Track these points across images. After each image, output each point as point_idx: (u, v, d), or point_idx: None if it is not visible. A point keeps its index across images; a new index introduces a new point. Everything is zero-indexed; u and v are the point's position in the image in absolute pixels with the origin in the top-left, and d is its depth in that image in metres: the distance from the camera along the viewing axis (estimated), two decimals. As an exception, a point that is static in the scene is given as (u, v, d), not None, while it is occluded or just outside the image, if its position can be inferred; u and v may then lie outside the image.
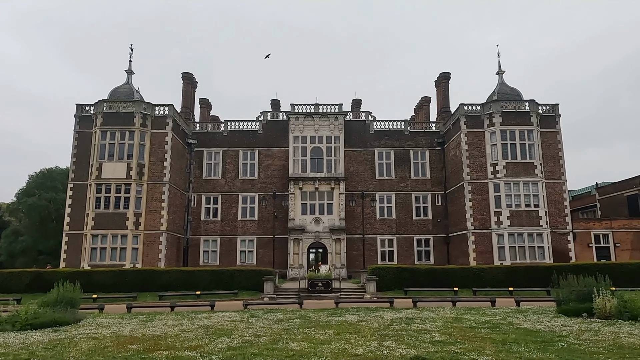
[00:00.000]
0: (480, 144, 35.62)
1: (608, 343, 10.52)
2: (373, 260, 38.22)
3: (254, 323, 14.71)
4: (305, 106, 40.43)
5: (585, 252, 34.74)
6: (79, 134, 35.87)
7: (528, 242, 33.35)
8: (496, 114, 35.22)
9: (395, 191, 40.25)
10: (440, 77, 43.03)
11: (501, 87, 40.98)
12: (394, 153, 40.86)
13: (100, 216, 33.16)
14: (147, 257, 33.18)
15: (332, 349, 10.03)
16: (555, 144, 36.05)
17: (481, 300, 21.88)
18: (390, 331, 12.64)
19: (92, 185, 33.70)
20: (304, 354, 9.51)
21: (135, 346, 10.65)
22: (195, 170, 40.32)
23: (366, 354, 9.38)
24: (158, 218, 34.10)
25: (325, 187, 38.97)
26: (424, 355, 9.30)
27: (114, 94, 40.63)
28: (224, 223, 39.51)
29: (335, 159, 39.59)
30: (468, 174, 35.36)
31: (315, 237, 38.32)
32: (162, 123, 35.58)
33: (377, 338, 11.44)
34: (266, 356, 9.29)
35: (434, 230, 39.62)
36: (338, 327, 13.54)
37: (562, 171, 35.63)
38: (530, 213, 33.79)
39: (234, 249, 38.97)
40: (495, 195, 34.41)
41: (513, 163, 34.50)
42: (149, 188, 34.29)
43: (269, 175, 40.32)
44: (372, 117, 41.77)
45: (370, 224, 39.67)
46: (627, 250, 34.85)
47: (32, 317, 13.90)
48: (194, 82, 43.47)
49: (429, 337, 11.54)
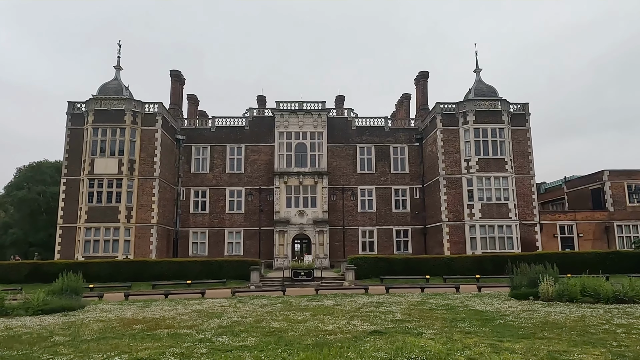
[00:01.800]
0: (455, 140, 37.74)
1: (538, 320, 12.62)
2: (354, 250, 40.33)
3: (241, 307, 16.61)
4: (290, 103, 42.13)
5: (551, 242, 37.27)
6: (71, 130, 37.12)
7: (498, 233, 35.71)
8: (470, 113, 37.34)
9: (375, 185, 42.31)
10: (419, 75, 44.99)
11: (478, 85, 43.21)
12: (374, 149, 42.86)
13: (93, 210, 34.63)
14: (138, 249, 34.79)
15: (306, 326, 11.98)
16: (525, 141, 38.36)
17: (448, 287, 24.06)
18: (359, 313, 14.64)
19: (84, 180, 35.09)
20: (283, 330, 11.46)
21: (139, 326, 12.48)
22: (184, 165, 41.87)
23: (334, 330, 11.34)
24: (149, 211, 35.67)
25: (309, 182, 40.86)
26: (382, 330, 11.31)
27: (103, 89, 41.82)
28: (212, 216, 41.23)
29: (318, 154, 41.46)
30: (443, 169, 37.52)
31: (300, 229, 40.28)
32: (152, 120, 37.00)
33: (346, 318, 13.44)
34: (251, 332, 11.21)
35: (412, 222, 41.84)
36: (315, 310, 15.51)
37: (530, 166, 37.99)
38: (500, 206, 36.12)
39: (222, 240, 40.77)
40: (468, 189, 36.65)
41: (485, 159, 36.73)
42: (139, 183, 35.79)
43: (255, 169, 42.05)
44: (354, 114, 43.64)
45: (352, 216, 41.73)
46: (589, 240, 37.48)
47: (43, 303, 15.60)
48: (181, 79, 44.79)
49: (390, 317, 13.57)
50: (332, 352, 8.54)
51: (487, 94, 40.79)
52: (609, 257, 29.75)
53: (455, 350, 8.67)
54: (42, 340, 10.56)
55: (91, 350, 9.35)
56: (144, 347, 9.56)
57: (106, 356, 8.65)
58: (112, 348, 9.51)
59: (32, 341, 10.44)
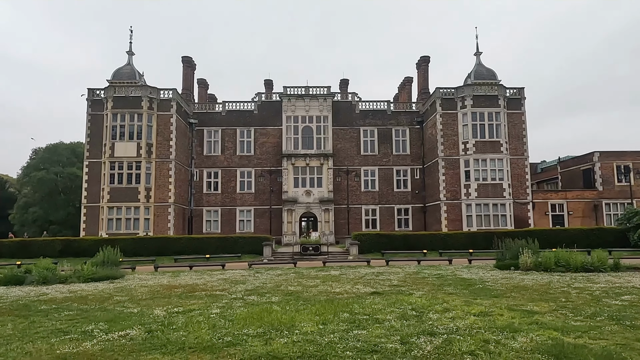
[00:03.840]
0: (453, 124, 39.84)
1: (512, 285, 15.10)
2: (358, 227, 42.93)
3: (260, 277, 19.22)
4: (297, 88, 44.16)
5: (543, 219, 39.69)
6: (92, 116, 39.47)
7: (492, 211, 38.15)
8: (468, 97, 39.31)
9: (378, 166, 44.64)
10: (420, 60, 46.74)
11: (478, 68, 45.15)
12: (377, 131, 45.02)
13: (114, 190, 37.23)
14: (157, 227, 37.51)
15: (318, 289, 14.55)
16: (520, 124, 40.42)
17: (442, 260, 26.61)
18: (362, 280, 17.20)
19: (106, 163, 37.59)
20: (299, 292, 14.03)
21: (179, 290, 15.08)
22: (197, 147, 44.26)
23: (341, 292, 13.89)
24: (166, 192, 38.25)
25: (315, 163, 43.23)
26: (380, 291, 13.85)
27: (117, 74, 44.10)
28: (224, 195, 43.82)
29: (324, 137, 43.70)
30: (442, 151, 39.73)
31: (307, 207, 42.85)
32: (167, 106, 39.23)
33: (351, 284, 16.00)
34: (273, 293, 13.77)
35: (412, 201, 44.30)
36: (324, 278, 18.09)
37: (524, 148, 40.14)
38: (495, 186, 38.44)
39: (234, 218, 43.46)
40: (465, 170, 38.91)
41: (482, 141, 38.87)
42: (157, 165, 38.26)
43: (264, 152, 44.40)
44: (357, 97, 45.66)
45: (356, 196, 44.21)
46: (578, 217, 39.86)
47: (92, 273, 18.23)
48: (192, 65, 46.77)
49: (388, 283, 16.11)
50: (340, 305, 11.09)
51: (487, 77, 42.84)
52: (593, 233, 32.16)
53: (435, 304, 11.18)
54: (106, 299, 13.16)
55: (150, 305, 11.91)
56: (190, 303, 12.12)
57: (166, 308, 11.21)
58: (166, 303, 12.08)
59: (99, 299, 13.05)
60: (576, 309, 10.32)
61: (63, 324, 9.42)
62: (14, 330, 8.94)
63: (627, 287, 14.01)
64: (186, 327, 8.80)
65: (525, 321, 9.07)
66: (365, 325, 8.76)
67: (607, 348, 7.01)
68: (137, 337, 8.09)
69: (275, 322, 9.10)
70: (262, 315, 9.82)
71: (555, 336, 7.77)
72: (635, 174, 40.20)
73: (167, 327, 8.84)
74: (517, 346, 7.17)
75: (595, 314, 9.73)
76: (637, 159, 40.88)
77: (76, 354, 7.01)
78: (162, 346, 7.42)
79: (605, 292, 12.85)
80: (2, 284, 16.93)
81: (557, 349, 6.90)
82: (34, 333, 8.64)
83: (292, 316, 9.67)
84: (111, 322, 9.56)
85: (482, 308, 10.59)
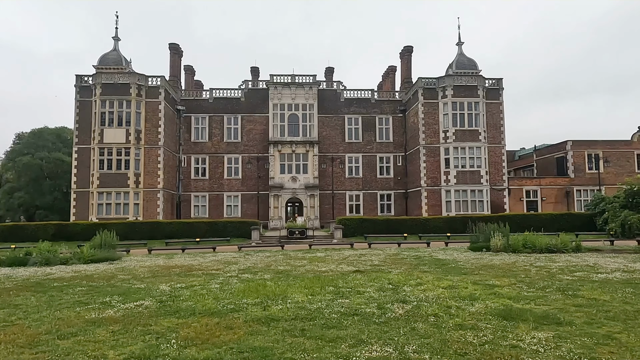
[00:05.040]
0: (434, 113, 41.31)
1: (481, 264, 16.68)
2: (342, 212, 44.42)
3: (250, 258, 20.54)
4: (283, 77, 45.04)
5: (518, 205, 41.70)
6: (80, 102, 39.84)
7: (470, 197, 39.95)
8: (449, 88, 40.74)
9: (362, 153, 46.02)
10: (403, 50, 47.91)
11: (460, 58, 46.70)
12: (361, 119, 46.29)
13: (104, 176, 37.94)
14: (147, 211, 38.41)
15: (306, 268, 15.93)
16: (498, 114, 42.09)
17: (421, 243, 28.27)
18: (346, 261, 18.64)
19: (95, 149, 38.19)
20: (288, 270, 15.38)
21: (177, 270, 16.31)
22: (185, 134, 44.99)
23: (327, 270, 15.29)
24: (155, 177, 39.08)
25: (301, 150, 44.40)
26: (362, 270, 15.29)
27: (103, 60, 44.46)
28: (211, 181, 44.80)
29: (310, 124, 44.83)
30: (423, 139, 41.24)
31: (293, 193, 44.14)
32: (155, 93, 39.82)
33: (336, 264, 17.42)
34: (265, 272, 15.10)
35: (395, 187, 45.91)
36: (310, 259, 19.49)
37: (502, 137, 41.88)
38: (473, 173, 40.18)
39: (221, 203, 44.54)
40: (445, 157, 40.53)
41: (461, 130, 40.46)
42: (146, 151, 38.99)
43: (251, 138, 45.36)
44: (342, 86, 46.76)
45: (340, 182, 45.61)
46: (551, 203, 41.97)
47: (91, 255, 19.32)
48: (179, 52, 47.15)
49: (370, 263, 17.57)
50: (327, 281, 12.48)
51: (468, 67, 44.54)
52: (563, 217, 34.19)
53: (410, 280, 12.65)
54: (111, 277, 14.33)
55: (154, 282, 13.13)
56: (190, 280, 13.38)
57: (170, 284, 12.46)
58: (168, 280, 13.32)
59: (105, 278, 14.22)
60: (531, 283, 11.89)
61: (81, 297, 10.62)
62: (38, 302, 10.12)
63: (581, 265, 15.71)
64: (192, 298, 10.09)
65: (485, 292, 10.59)
66: (348, 296, 10.17)
67: (547, 311, 8.53)
68: (151, 306, 9.35)
69: (269, 293, 10.46)
70: (258, 288, 11.17)
71: (507, 303, 9.28)
72: (604, 162, 42.37)
73: (176, 299, 10.12)
74: (473, 310, 8.65)
75: (546, 286, 11.29)
76: (607, 148, 43.04)
77: (103, 319, 8.26)
78: (175, 312, 8.71)
79: (561, 270, 14.49)
80: (7, 265, 17.92)
81: (506, 312, 8.39)
82: (57, 304, 9.84)
83: (284, 289, 11.03)
84: (123, 295, 10.79)
85: (450, 283, 12.10)
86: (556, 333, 7.01)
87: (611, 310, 8.52)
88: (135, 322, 8.00)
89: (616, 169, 42.77)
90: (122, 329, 7.48)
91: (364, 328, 7.35)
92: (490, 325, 7.49)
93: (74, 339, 6.94)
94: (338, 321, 7.81)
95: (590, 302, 9.24)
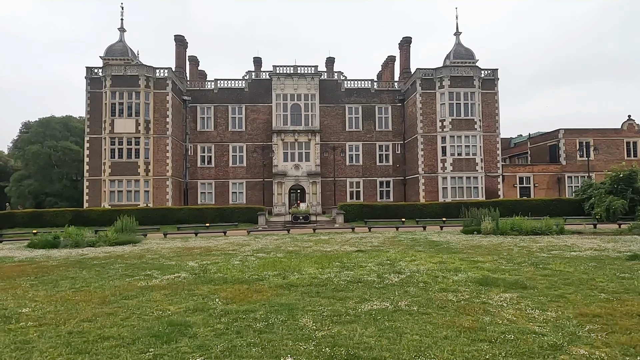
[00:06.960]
0: (432, 102, 42.88)
1: (471, 245, 18.50)
2: (343, 198, 46.26)
3: (260, 241, 22.37)
4: (286, 67, 46.49)
5: (511, 191, 43.53)
6: (90, 93, 41.39)
7: (466, 184, 41.73)
8: (445, 78, 42.25)
9: (362, 141, 47.70)
10: (402, 41, 49.28)
11: (457, 48, 48.26)
12: (361, 108, 47.86)
13: (115, 165, 39.65)
14: (156, 198, 40.21)
15: (312, 249, 17.76)
16: (493, 103, 43.68)
17: (418, 227, 30.13)
18: (348, 242, 20.48)
19: (106, 138, 39.84)
20: (297, 250, 17.22)
21: (197, 250, 18.13)
22: (191, 123, 46.58)
23: (332, 250, 17.12)
24: (164, 166, 40.80)
25: (304, 139, 46.07)
26: (363, 249, 17.13)
27: (109, 51, 46.04)
28: (217, 169, 46.53)
29: (311, 114, 46.41)
30: (421, 128, 42.88)
31: (295, 180, 45.93)
32: (163, 84, 41.32)
33: (339, 245, 19.26)
34: (277, 251, 16.93)
35: (393, 174, 47.68)
36: (316, 241, 21.33)
37: (497, 126, 43.55)
38: (469, 160, 41.91)
39: (227, 190, 46.34)
40: (442, 145, 42.22)
41: (457, 119, 42.08)
42: (155, 141, 40.64)
43: (255, 127, 46.98)
44: (343, 77, 48.23)
45: (341, 169, 47.37)
46: (543, 189, 43.80)
47: (115, 238, 21.13)
48: (185, 43, 48.53)
49: (370, 244, 19.41)
50: (333, 258, 14.31)
51: (465, 57, 46.22)
52: (553, 203, 36.02)
53: (406, 257, 14.47)
54: (141, 257, 16.15)
55: (182, 259, 14.94)
56: (212, 259, 15.18)
57: (196, 261, 14.28)
58: (193, 259, 15.14)
59: (135, 257, 16.03)
60: (510, 259, 13.72)
61: (124, 272, 12.44)
62: (90, 275, 11.94)
63: (560, 245, 17.53)
64: (220, 271, 11.92)
65: (469, 266, 12.41)
66: (352, 269, 12.00)
67: (517, 279, 10.34)
68: (187, 277, 11.17)
69: (285, 267, 12.29)
70: (275, 263, 13.00)
71: (485, 274, 11.09)
72: (594, 150, 44.10)
73: (206, 272, 11.95)
74: (456, 279, 10.46)
75: (522, 262, 13.11)
76: (597, 136, 44.74)
77: (152, 286, 10.07)
78: (209, 281, 10.53)
79: (541, 249, 16.31)
80: (40, 247, 19.76)
81: (483, 280, 10.21)
82: (107, 277, 11.64)
83: (297, 264, 12.87)
84: (160, 269, 12.61)
85: (440, 259, 13.93)
86: (520, 294, 8.82)
87: (570, 278, 10.34)
88: (180, 288, 9.81)
89: (606, 156, 44.52)
90: (171, 293, 9.30)
91: (366, 291, 9.17)
92: (468, 289, 9.31)
93: (137, 300, 8.75)
94: (345, 286, 9.63)
95: (555, 273, 11.06)
